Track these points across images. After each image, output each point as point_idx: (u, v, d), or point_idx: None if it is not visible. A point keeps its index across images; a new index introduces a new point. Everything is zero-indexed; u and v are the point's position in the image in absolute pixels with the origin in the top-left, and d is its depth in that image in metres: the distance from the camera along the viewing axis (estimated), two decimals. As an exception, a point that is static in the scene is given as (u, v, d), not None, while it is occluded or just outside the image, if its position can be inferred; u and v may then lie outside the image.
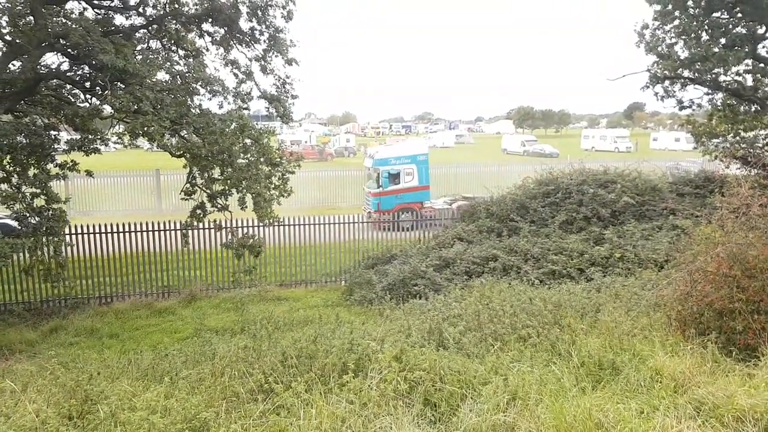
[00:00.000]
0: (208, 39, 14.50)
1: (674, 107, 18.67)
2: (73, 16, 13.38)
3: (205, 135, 12.61)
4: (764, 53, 16.86)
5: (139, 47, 14.33)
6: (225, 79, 14.01)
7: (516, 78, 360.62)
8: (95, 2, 13.80)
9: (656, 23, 17.53)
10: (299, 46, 14.55)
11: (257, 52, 14.41)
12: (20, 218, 12.65)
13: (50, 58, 13.21)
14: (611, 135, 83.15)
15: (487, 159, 44.72)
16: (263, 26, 14.06)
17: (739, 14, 16.38)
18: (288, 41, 14.25)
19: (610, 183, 16.58)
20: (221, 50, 14.61)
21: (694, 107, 18.42)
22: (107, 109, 13.20)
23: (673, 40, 17.41)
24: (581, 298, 9.26)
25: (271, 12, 13.96)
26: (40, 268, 13.36)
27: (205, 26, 14.23)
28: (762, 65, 16.83)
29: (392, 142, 54.91)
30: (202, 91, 13.53)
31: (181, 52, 14.67)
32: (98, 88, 12.83)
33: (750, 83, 17.23)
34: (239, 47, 14.42)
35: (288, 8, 13.92)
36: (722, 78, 17.22)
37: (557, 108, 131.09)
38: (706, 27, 16.51)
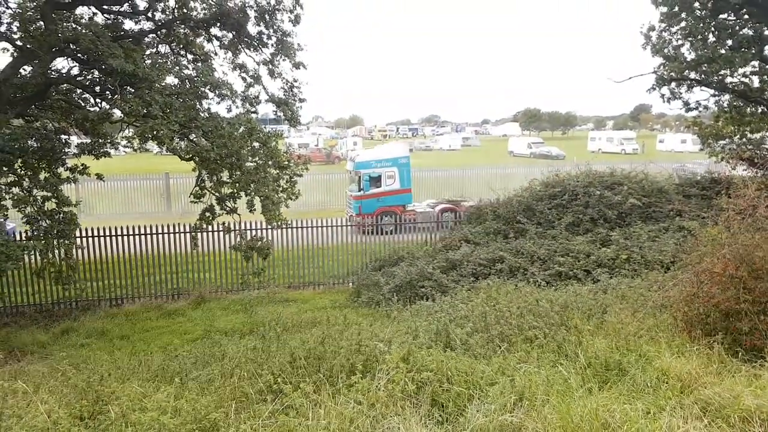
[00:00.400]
0: (217, 43, 14.59)
1: (681, 109, 18.60)
2: (83, 22, 13.47)
3: (214, 138, 12.69)
4: (771, 55, 16.81)
5: (149, 52, 14.42)
6: (233, 83, 14.13)
7: (522, 80, 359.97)
8: (105, 7, 13.90)
9: (663, 25, 17.51)
10: (306, 50, 14.63)
11: (265, 56, 14.48)
12: (31, 221, 12.77)
13: (61, 63, 13.33)
14: (618, 137, 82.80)
15: (494, 161, 44.68)
16: (271, 30, 14.13)
17: (746, 16, 16.35)
18: (295, 45, 14.31)
19: (617, 185, 16.57)
20: (229, 54, 14.69)
21: (701, 109, 18.38)
22: (117, 113, 13.33)
23: (680, 42, 17.40)
24: (588, 300, 9.27)
25: (279, 16, 14.02)
26: (52, 271, 13.47)
27: (214, 30, 14.31)
28: (769, 67, 16.79)
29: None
30: (211, 95, 13.60)
31: (190, 57, 14.76)
32: (108, 93, 12.94)
33: (757, 85, 17.16)
34: (247, 51, 14.50)
35: (295, 12, 13.98)
36: (729, 80, 17.20)
37: (564, 110, 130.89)
38: (713, 29, 16.49)
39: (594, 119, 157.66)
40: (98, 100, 13.81)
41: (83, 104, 14.13)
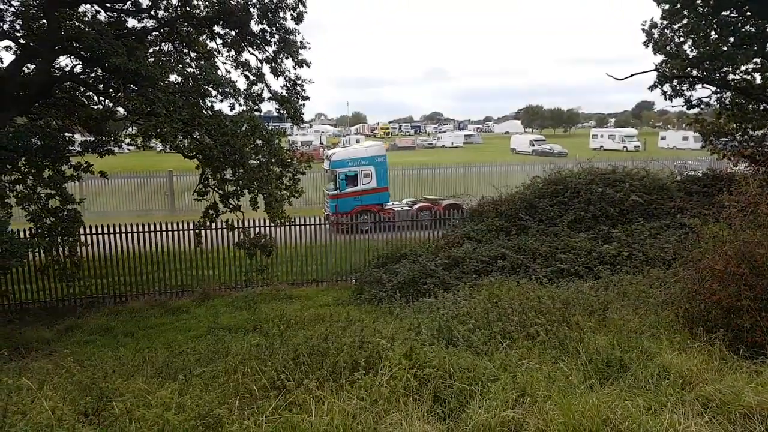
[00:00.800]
0: (220, 41, 14.64)
1: (682, 106, 18.54)
2: (86, 19, 13.53)
3: (217, 136, 12.73)
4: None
5: (152, 50, 14.47)
6: (236, 81, 14.13)
7: (524, 78, 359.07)
8: (108, 5, 13.94)
9: (665, 22, 17.46)
10: (310, 48, 14.65)
11: (268, 54, 14.52)
12: (35, 219, 12.83)
13: (64, 61, 13.40)
14: (620, 134, 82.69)
15: (496, 159, 44.62)
16: (274, 28, 14.17)
17: (748, 12, 16.29)
18: (298, 43, 14.35)
19: (619, 182, 16.53)
20: (232, 52, 14.75)
21: (703, 106, 18.32)
22: (120, 111, 13.38)
23: (682, 39, 17.34)
24: (589, 297, 9.25)
25: (282, 14, 14.07)
26: (56, 268, 13.54)
27: (217, 28, 14.35)
28: (771, 63, 16.75)
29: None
30: (214, 93, 13.65)
31: (193, 55, 14.81)
32: (111, 91, 13.00)
33: (759, 82, 17.14)
34: (250, 49, 14.53)
35: (298, 10, 14.02)
36: (731, 77, 17.13)
37: (566, 107, 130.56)
38: (715, 26, 16.43)
39: (596, 117, 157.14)
40: (102, 98, 13.86)
41: (87, 102, 14.20)
